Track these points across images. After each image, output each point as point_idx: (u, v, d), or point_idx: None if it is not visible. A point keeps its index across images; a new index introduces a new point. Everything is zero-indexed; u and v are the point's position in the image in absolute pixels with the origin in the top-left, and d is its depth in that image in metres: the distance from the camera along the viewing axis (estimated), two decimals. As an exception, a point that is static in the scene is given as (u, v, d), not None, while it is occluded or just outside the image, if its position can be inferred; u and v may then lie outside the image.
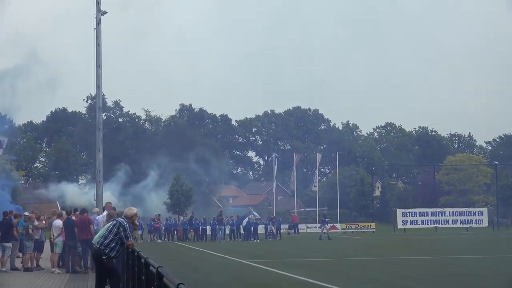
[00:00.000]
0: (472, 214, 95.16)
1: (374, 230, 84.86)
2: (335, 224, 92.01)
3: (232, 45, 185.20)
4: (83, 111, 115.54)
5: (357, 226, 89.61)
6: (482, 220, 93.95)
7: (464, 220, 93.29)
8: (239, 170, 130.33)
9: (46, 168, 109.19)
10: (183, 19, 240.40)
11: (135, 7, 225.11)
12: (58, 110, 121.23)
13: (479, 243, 54.35)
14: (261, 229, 76.88)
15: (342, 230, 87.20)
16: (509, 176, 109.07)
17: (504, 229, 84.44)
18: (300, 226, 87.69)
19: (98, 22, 40.66)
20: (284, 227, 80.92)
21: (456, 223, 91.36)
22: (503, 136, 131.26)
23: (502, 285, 26.20)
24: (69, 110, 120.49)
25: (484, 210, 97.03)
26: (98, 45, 40.22)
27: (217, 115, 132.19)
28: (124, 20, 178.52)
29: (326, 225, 74.96)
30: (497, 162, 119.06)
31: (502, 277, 28.54)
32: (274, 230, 76.04)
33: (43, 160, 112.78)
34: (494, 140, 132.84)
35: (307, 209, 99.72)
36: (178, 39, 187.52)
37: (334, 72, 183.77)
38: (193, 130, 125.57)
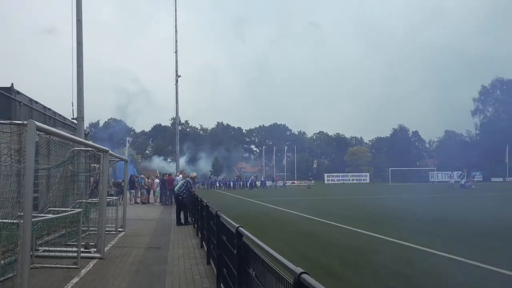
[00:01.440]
0: (361, 176, 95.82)
1: (313, 184, 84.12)
2: (294, 181, 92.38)
3: (241, 83, 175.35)
4: (169, 125, 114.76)
5: (305, 182, 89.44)
6: (367, 179, 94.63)
7: (357, 178, 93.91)
8: (246, 154, 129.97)
9: (151, 154, 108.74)
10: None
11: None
12: (156, 124, 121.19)
13: (365, 190, 54.21)
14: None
15: (297, 184, 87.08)
16: (379, 158, 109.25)
17: (378, 183, 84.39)
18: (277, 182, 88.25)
19: (176, 81, 40.26)
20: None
21: (353, 180, 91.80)
22: (378, 137, 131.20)
23: (375, 207, 24.54)
24: (162, 124, 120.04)
25: (367, 174, 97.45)
26: (177, 93, 39.95)
27: (235, 127, 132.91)
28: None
29: (311, 181, 75.79)
30: (374, 151, 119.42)
31: (376, 204, 27.47)
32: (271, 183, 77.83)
33: (150, 150, 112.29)
34: (373, 139, 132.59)
35: (280, 174, 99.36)
36: (216, 79, 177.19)
37: (293, 98, 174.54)
38: (224, 135, 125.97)
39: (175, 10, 40.54)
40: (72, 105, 17.41)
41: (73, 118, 17.92)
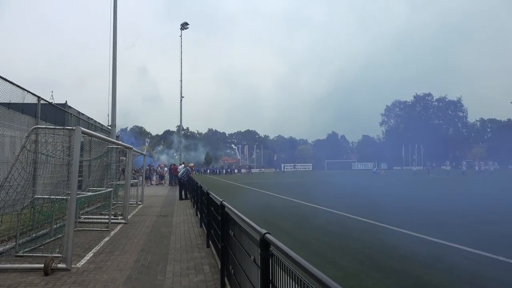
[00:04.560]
0: (306, 166, 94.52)
1: (277, 170, 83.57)
2: (261, 169, 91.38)
3: (226, 102, 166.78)
4: (175, 130, 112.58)
5: (270, 169, 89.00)
6: (310, 167, 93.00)
7: (303, 167, 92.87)
8: (228, 151, 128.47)
9: (162, 150, 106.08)
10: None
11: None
12: (166, 130, 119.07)
13: (311, 175, 54.37)
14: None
15: (262, 170, 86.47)
16: (319, 153, 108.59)
17: (317, 170, 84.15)
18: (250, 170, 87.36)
19: (181, 100, 39.24)
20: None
21: (301, 168, 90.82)
22: (317, 139, 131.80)
23: (312, 187, 24.70)
24: (171, 129, 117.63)
25: (310, 164, 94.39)
26: (181, 108, 39.00)
27: (221, 131, 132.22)
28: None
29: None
30: (315, 148, 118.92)
31: (312, 185, 27.67)
32: (246, 171, 76.46)
33: (161, 148, 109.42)
34: (314, 140, 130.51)
35: (251, 164, 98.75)
36: (209, 99, 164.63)
37: (260, 112, 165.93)
38: (213, 137, 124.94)
39: (181, 59, 39.92)
40: (108, 116, 17.88)
41: (108, 125, 18.08)
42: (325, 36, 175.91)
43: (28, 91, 7.90)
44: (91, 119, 16.26)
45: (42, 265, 5.45)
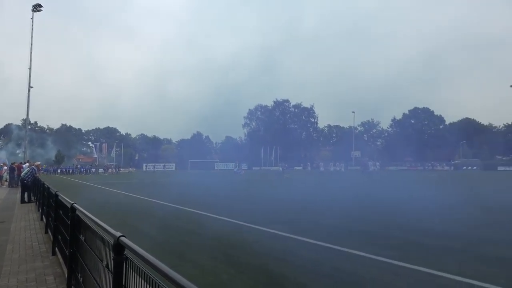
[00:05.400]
0: (170, 165, 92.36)
1: (146, 170, 79.02)
2: (121, 168, 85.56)
3: (82, 93, 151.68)
4: (20, 123, 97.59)
5: (131, 169, 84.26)
6: (173, 167, 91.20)
7: (167, 167, 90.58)
8: (84, 149, 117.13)
9: (2, 146, 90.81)
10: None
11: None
12: (8, 123, 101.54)
13: (174, 174, 53.20)
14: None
15: (131, 170, 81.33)
16: (183, 153, 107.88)
17: (180, 170, 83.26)
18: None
19: (29, 90, 34.42)
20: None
21: (164, 168, 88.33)
22: (182, 139, 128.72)
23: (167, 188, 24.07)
24: (14, 123, 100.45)
25: (174, 164, 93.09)
26: (28, 99, 34.21)
27: (77, 127, 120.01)
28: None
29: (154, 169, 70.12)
30: (179, 148, 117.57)
31: (169, 185, 26.94)
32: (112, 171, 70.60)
33: (0, 144, 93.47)
34: (179, 140, 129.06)
35: (109, 163, 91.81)
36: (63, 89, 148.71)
37: (123, 108, 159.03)
38: (67, 133, 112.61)
39: (31, 45, 34.94)
40: None
41: None
42: (193, 38, 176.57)
43: None
44: None
45: None
